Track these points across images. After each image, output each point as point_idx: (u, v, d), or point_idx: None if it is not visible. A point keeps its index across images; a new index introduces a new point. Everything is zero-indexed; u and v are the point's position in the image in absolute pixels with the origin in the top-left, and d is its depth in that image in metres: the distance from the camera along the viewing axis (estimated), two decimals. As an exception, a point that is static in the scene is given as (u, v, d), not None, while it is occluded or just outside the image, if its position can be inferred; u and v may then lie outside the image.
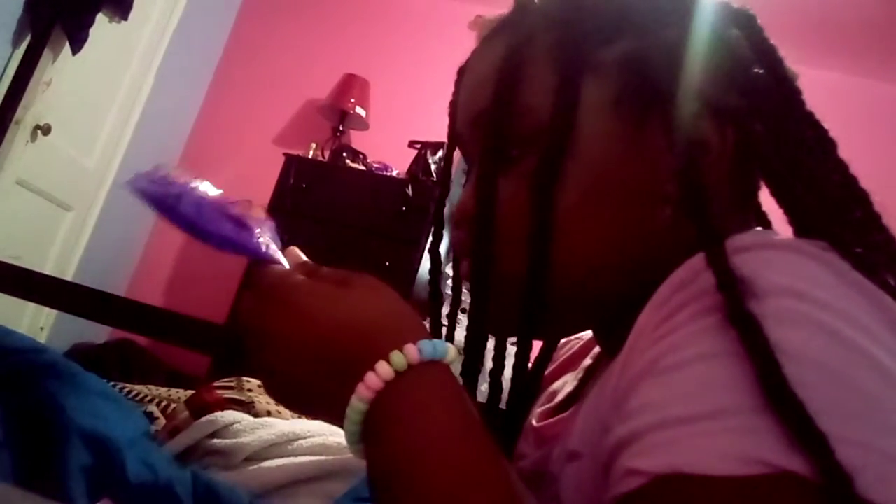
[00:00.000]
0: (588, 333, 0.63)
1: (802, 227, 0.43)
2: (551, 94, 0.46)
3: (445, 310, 0.61)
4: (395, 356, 0.38)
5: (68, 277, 2.80)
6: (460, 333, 0.54)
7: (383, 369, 0.38)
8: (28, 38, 2.40)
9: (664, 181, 0.45)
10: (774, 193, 0.44)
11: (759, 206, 0.52)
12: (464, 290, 0.54)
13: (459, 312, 0.60)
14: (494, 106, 0.48)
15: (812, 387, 0.30)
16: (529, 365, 0.50)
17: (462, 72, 0.55)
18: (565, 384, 0.60)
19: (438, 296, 0.61)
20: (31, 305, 2.55)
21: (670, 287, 0.38)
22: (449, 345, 0.40)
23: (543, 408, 0.59)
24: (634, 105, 0.46)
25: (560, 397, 0.58)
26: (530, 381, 0.57)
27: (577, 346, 0.65)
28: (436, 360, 0.39)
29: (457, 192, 0.58)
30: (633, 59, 0.46)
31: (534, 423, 0.57)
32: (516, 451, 0.57)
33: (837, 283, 0.34)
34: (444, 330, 0.58)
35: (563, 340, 0.66)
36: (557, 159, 0.45)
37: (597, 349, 0.60)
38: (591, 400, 0.45)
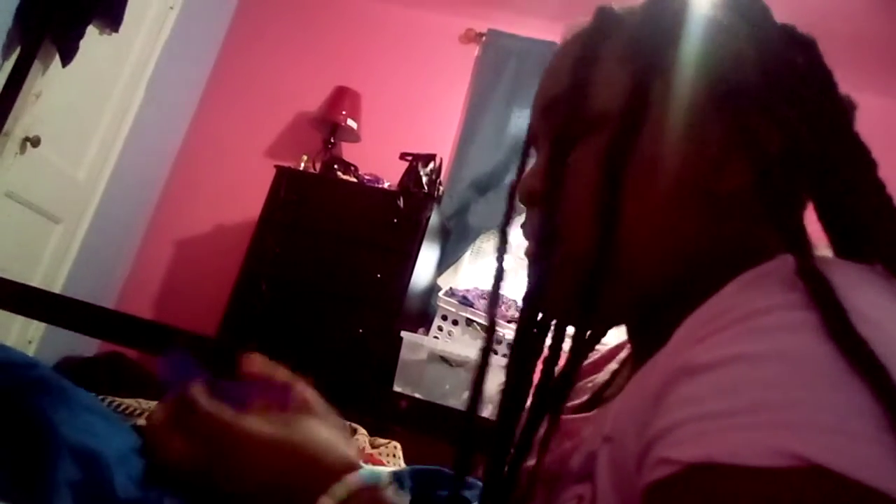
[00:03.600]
0: (610, 341, 0.63)
1: (845, 246, 0.45)
2: (623, 86, 0.49)
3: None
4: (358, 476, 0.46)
5: (57, 290, 2.78)
6: (454, 345, 0.53)
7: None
8: (18, 50, 2.39)
9: (723, 179, 0.48)
10: (819, 206, 0.46)
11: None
12: (448, 305, 0.54)
13: (452, 324, 0.60)
14: (569, 89, 0.51)
15: None
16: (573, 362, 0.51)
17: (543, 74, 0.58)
18: (587, 384, 0.61)
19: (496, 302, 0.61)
20: (20, 318, 2.53)
21: (726, 297, 0.39)
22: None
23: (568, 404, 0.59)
24: (700, 103, 0.49)
25: (585, 396, 0.59)
26: (563, 383, 0.58)
27: (596, 356, 0.65)
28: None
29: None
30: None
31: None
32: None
33: None
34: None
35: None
36: (628, 141, 0.47)
37: (622, 354, 0.61)
38: (629, 393, 0.46)
